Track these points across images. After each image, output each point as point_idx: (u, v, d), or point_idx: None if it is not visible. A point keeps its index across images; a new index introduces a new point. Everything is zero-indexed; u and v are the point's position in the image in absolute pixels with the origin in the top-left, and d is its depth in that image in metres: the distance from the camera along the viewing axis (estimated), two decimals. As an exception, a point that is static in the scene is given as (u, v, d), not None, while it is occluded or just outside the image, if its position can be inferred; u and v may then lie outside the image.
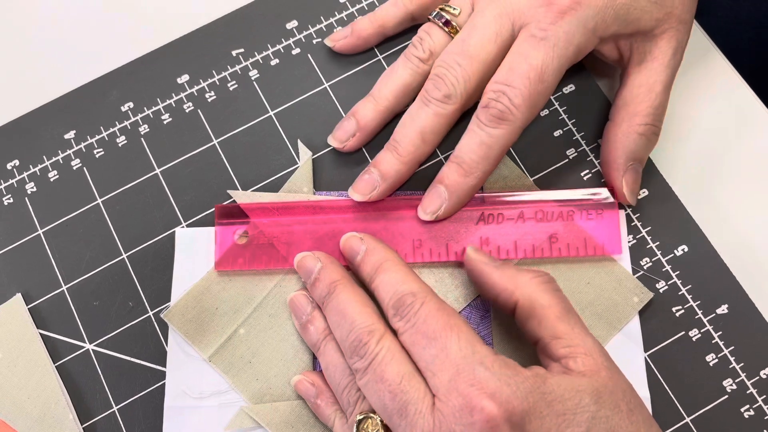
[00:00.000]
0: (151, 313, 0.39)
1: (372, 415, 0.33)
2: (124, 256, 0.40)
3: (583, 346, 0.32)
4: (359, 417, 0.33)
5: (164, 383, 0.38)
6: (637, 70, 0.39)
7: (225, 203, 0.41)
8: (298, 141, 0.42)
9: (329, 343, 0.36)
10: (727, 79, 0.42)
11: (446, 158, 0.41)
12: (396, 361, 0.32)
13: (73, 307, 0.40)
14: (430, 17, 0.40)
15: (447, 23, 0.40)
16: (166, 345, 0.39)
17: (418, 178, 0.41)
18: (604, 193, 0.40)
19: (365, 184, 0.39)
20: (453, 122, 0.39)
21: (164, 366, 0.39)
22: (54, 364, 0.39)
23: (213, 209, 0.41)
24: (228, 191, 0.41)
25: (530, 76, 0.35)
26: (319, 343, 0.37)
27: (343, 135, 0.41)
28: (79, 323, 0.39)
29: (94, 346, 0.39)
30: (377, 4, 0.44)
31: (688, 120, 0.42)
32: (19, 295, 0.40)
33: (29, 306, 0.40)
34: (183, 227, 0.41)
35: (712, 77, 0.42)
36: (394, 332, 0.34)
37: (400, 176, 0.39)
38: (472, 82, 0.37)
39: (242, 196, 0.41)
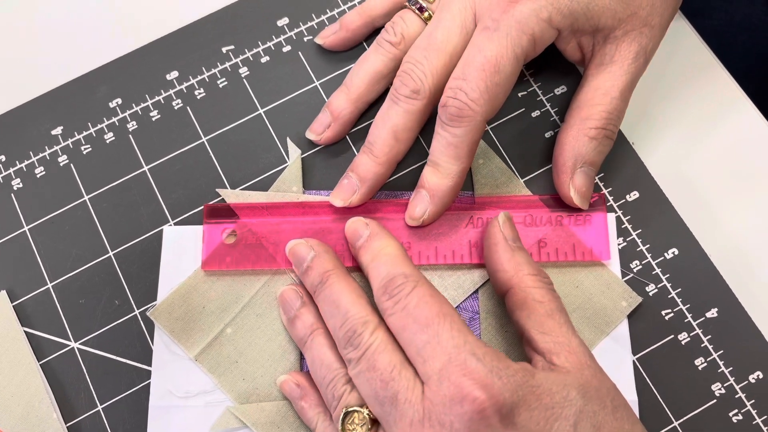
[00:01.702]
0: (137, 312, 0.39)
1: (359, 408, 0.33)
2: (111, 254, 0.40)
3: (568, 344, 0.33)
4: (345, 410, 0.33)
5: (150, 382, 0.38)
6: (596, 72, 0.38)
7: (213, 202, 0.40)
8: (288, 139, 0.41)
9: (316, 338, 0.36)
10: (720, 82, 0.42)
11: (437, 158, 0.41)
12: (388, 351, 0.32)
13: (58, 305, 0.39)
14: (407, 3, 0.40)
15: (421, 9, 0.40)
16: (152, 344, 0.38)
17: (412, 181, 0.41)
18: (592, 197, 0.39)
19: (345, 189, 0.39)
20: (425, 118, 0.38)
21: (150, 365, 0.38)
22: (38, 362, 0.38)
23: (201, 207, 0.40)
24: (217, 190, 0.41)
25: (485, 68, 0.35)
26: (305, 338, 0.36)
27: (319, 127, 0.41)
28: (65, 321, 0.39)
29: (80, 344, 0.39)
30: (369, 2, 0.44)
31: (679, 123, 0.42)
32: (3, 293, 0.39)
33: (14, 303, 0.39)
34: (171, 225, 0.40)
35: (706, 80, 0.42)
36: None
37: (379, 178, 0.38)
38: (439, 75, 0.37)
39: (231, 195, 0.40)
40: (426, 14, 0.40)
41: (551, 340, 0.33)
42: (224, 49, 0.43)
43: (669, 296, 0.38)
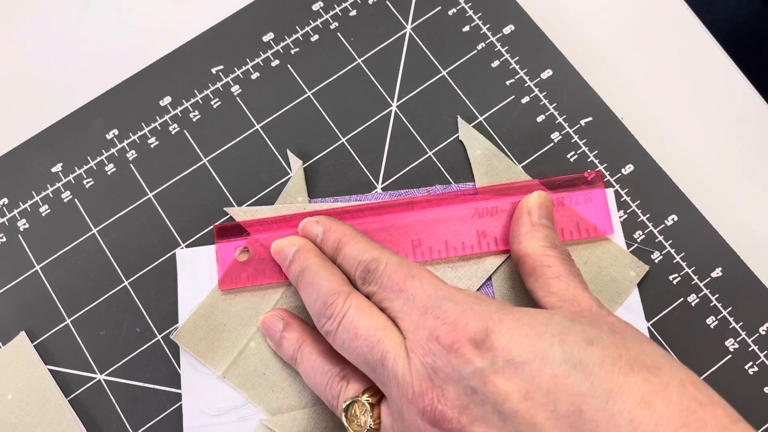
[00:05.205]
0: (159, 337, 0.39)
1: (357, 398, 0.33)
2: (126, 283, 0.40)
3: (572, 300, 0.33)
4: (346, 403, 0.33)
5: (181, 405, 0.38)
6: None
7: (222, 221, 0.41)
8: (288, 151, 0.42)
9: (304, 350, 0.37)
10: (701, 46, 0.44)
11: (435, 155, 0.42)
12: (366, 315, 0.33)
13: (79, 339, 0.39)
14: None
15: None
16: (178, 366, 0.39)
17: (414, 178, 0.42)
18: (590, 174, 0.41)
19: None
20: None
21: (178, 388, 0.39)
22: (66, 398, 0.39)
23: (211, 227, 0.41)
24: (224, 208, 0.41)
25: None
26: (294, 353, 0.37)
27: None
28: (88, 355, 0.39)
29: (106, 375, 0.39)
30: (350, 10, 0.45)
31: (663, 92, 0.43)
32: (23, 333, 0.39)
33: (35, 343, 0.39)
34: (182, 248, 0.41)
35: (688, 47, 0.44)
36: (366, 297, 0.34)
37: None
38: None
39: (239, 213, 0.41)
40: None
41: (556, 299, 0.34)
42: (214, 70, 0.44)
43: (674, 261, 0.40)
